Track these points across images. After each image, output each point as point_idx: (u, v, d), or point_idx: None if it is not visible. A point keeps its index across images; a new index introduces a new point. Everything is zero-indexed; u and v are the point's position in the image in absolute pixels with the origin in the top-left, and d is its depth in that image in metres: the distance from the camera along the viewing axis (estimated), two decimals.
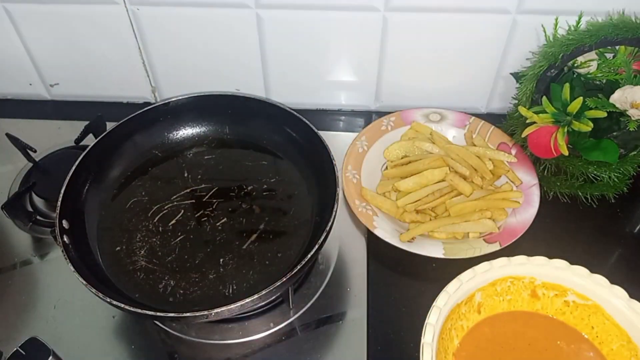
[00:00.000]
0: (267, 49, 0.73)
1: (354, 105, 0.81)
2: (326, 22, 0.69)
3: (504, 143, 0.71)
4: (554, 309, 0.53)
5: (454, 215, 0.63)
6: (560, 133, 0.60)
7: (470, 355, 0.50)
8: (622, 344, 0.49)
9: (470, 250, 0.59)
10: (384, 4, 0.66)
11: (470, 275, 0.50)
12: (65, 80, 0.80)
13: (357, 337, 0.56)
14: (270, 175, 0.66)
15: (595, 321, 0.51)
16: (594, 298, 0.50)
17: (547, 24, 0.63)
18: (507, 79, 0.73)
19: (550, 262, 0.51)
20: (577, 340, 0.52)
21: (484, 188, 0.65)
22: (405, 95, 0.78)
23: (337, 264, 0.62)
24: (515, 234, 0.61)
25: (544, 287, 0.52)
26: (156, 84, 0.80)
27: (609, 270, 0.52)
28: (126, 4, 0.69)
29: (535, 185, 0.65)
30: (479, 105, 0.79)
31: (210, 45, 0.73)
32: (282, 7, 0.67)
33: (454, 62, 0.73)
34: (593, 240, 0.65)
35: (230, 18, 0.69)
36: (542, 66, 0.61)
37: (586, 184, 0.65)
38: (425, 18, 0.67)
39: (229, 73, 0.77)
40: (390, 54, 0.72)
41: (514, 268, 0.51)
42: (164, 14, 0.69)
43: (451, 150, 0.67)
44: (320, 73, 0.76)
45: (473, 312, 0.52)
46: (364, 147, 0.70)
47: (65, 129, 0.77)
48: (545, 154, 0.63)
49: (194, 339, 0.57)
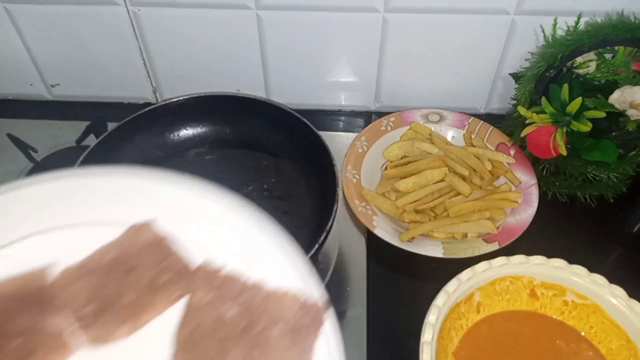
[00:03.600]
0: (267, 50, 0.73)
1: (354, 105, 0.81)
2: (326, 23, 0.69)
3: (502, 143, 0.71)
4: (553, 308, 0.53)
5: (453, 216, 0.63)
6: (559, 133, 0.60)
7: (470, 355, 0.50)
8: (621, 344, 0.50)
9: (469, 250, 0.59)
10: (383, 5, 0.66)
11: (469, 275, 0.50)
12: (66, 81, 0.81)
13: (357, 336, 0.56)
14: (270, 175, 0.66)
15: (594, 320, 0.51)
16: (593, 297, 0.50)
17: (546, 24, 0.63)
18: (506, 79, 0.73)
19: (549, 262, 0.51)
20: (576, 339, 0.52)
21: (482, 188, 0.65)
22: (405, 96, 0.78)
23: (337, 263, 0.62)
24: (514, 234, 0.61)
25: (543, 286, 0.52)
26: (157, 85, 0.80)
27: (608, 269, 0.52)
28: (127, 4, 0.69)
29: (534, 185, 0.66)
30: (478, 105, 0.79)
31: (210, 45, 0.73)
32: (283, 8, 0.68)
33: (453, 63, 0.73)
34: (592, 240, 0.65)
35: (230, 19, 0.69)
36: (541, 67, 0.61)
37: (585, 184, 0.66)
38: (424, 19, 0.68)
39: (230, 73, 0.77)
40: (389, 55, 0.72)
41: (513, 267, 0.51)
42: (165, 15, 0.70)
43: (450, 150, 0.68)
44: (321, 74, 0.76)
45: (472, 311, 0.52)
46: (363, 147, 0.70)
47: (66, 130, 0.77)
48: (544, 154, 0.63)
49: None
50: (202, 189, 0.38)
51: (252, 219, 0.37)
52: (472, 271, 0.50)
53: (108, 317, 0.33)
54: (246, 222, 0.37)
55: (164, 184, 0.38)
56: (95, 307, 0.33)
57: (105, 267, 0.35)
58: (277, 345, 0.32)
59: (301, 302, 0.34)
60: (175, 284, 0.34)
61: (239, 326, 0.32)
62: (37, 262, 0.35)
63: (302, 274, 0.35)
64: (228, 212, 0.37)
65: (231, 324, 0.33)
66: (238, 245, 0.36)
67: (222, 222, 0.37)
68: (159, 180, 0.38)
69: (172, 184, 0.38)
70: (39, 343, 0.32)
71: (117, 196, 0.37)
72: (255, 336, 0.32)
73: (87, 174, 0.38)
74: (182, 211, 0.37)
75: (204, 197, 0.38)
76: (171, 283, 0.34)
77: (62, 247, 0.35)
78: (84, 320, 0.33)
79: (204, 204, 0.37)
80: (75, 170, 0.38)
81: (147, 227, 0.36)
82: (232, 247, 0.36)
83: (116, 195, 0.38)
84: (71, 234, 0.36)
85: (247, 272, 0.35)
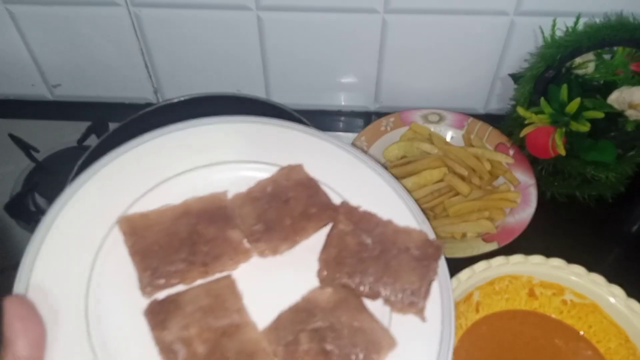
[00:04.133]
0: (267, 50, 0.73)
1: (354, 106, 0.81)
2: (326, 23, 0.69)
3: (502, 144, 0.71)
4: (551, 307, 0.53)
5: (453, 215, 0.63)
6: (558, 133, 0.60)
7: (469, 354, 0.51)
8: (620, 343, 0.50)
9: (468, 250, 0.60)
10: (383, 6, 0.66)
11: (468, 274, 0.50)
12: (67, 81, 0.81)
13: None
14: None
15: (592, 320, 0.51)
16: (591, 297, 0.51)
17: (545, 25, 0.63)
18: (505, 80, 0.73)
19: (548, 261, 0.51)
20: (574, 338, 0.52)
21: (482, 188, 0.66)
22: (405, 96, 0.78)
23: None
24: (513, 234, 0.61)
25: (542, 286, 0.52)
26: (158, 85, 0.80)
27: (607, 269, 0.52)
28: (128, 5, 0.69)
29: (532, 185, 0.66)
30: (477, 106, 0.79)
31: (211, 46, 0.73)
32: (283, 9, 0.68)
33: (452, 64, 0.73)
34: (590, 240, 0.65)
35: (231, 19, 0.70)
36: (540, 67, 0.61)
37: (584, 184, 0.66)
38: (424, 20, 0.68)
39: (230, 74, 0.77)
40: (389, 56, 0.73)
41: (512, 267, 0.51)
42: (166, 16, 0.70)
43: (450, 150, 0.68)
44: (321, 74, 0.76)
45: (471, 310, 0.52)
46: (363, 147, 0.71)
47: (67, 130, 0.77)
48: (543, 154, 0.63)
49: None
50: (338, 143, 0.47)
51: (380, 172, 0.46)
52: (471, 271, 0.50)
53: (273, 235, 0.41)
54: (375, 174, 0.46)
55: (310, 134, 0.47)
56: (262, 226, 0.41)
57: (267, 197, 0.43)
58: (405, 266, 0.40)
59: (425, 238, 0.42)
60: (322, 214, 0.42)
61: (375, 251, 0.41)
62: (213, 188, 0.43)
63: (419, 219, 0.43)
64: (360, 164, 0.46)
65: (369, 249, 0.41)
66: (369, 191, 0.45)
67: (356, 171, 0.46)
68: (305, 131, 0.48)
69: (316, 136, 0.47)
70: (227, 247, 0.40)
71: (269, 142, 0.47)
72: (389, 259, 0.40)
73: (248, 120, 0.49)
74: (322, 159, 0.46)
75: (341, 149, 0.47)
76: (319, 214, 0.42)
77: (230, 178, 0.44)
78: (254, 236, 0.41)
79: (342, 155, 0.46)
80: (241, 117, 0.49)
81: (299, 168, 0.45)
82: (365, 192, 0.44)
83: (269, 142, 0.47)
84: (237, 169, 0.45)
85: (378, 212, 0.43)
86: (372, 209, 0.43)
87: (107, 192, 0.42)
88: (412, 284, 0.39)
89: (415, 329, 0.39)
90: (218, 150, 0.46)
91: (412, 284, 0.39)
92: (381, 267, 0.40)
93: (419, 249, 0.41)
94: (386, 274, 0.39)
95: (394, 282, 0.39)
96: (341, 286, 0.39)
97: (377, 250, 0.41)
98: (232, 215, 0.42)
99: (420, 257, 0.41)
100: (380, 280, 0.39)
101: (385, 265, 0.40)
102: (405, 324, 0.39)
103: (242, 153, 0.46)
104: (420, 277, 0.39)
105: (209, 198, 0.43)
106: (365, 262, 0.40)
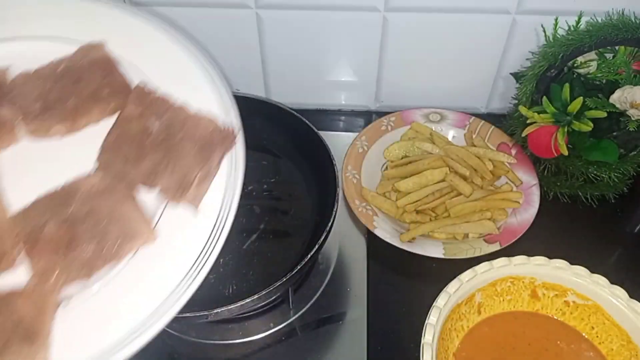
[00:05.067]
0: (267, 49, 0.73)
1: (354, 105, 0.81)
2: (326, 22, 0.69)
3: (504, 143, 0.71)
4: (554, 309, 0.53)
5: (454, 216, 0.63)
6: (560, 133, 0.60)
7: (471, 356, 0.50)
8: (622, 344, 0.49)
9: (470, 251, 0.59)
10: (384, 4, 0.66)
11: (470, 276, 0.50)
12: None
13: (357, 337, 0.56)
14: (270, 175, 0.66)
15: (595, 321, 0.51)
16: (594, 298, 0.50)
17: (546, 24, 0.63)
18: (507, 79, 0.73)
19: (550, 262, 0.51)
20: (577, 340, 0.52)
21: (483, 188, 0.65)
22: (405, 96, 0.78)
23: (337, 264, 0.62)
24: (516, 234, 0.61)
25: (544, 287, 0.52)
26: None
27: (609, 270, 0.52)
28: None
29: (535, 185, 0.65)
30: (479, 105, 0.79)
31: (210, 45, 0.73)
32: (282, 7, 0.67)
33: (454, 62, 0.73)
34: (593, 240, 0.65)
35: (230, 18, 0.69)
36: (542, 66, 0.61)
37: (586, 184, 0.66)
38: (425, 18, 0.67)
39: (229, 73, 0.76)
40: (390, 54, 0.72)
41: (514, 268, 0.51)
42: (164, 15, 0.69)
43: (451, 150, 0.68)
44: (321, 73, 0.76)
45: (473, 312, 0.52)
46: (364, 147, 0.70)
47: None
48: (546, 154, 0.63)
49: (194, 339, 0.56)
50: (151, 20, 0.43)
51: (192, 54, 0.43)
52: (473, 272, 0.50)
53: (50, 115, 0.38)
54: (185, 55, 0.43)
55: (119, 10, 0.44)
56: (41, 105, 0.39)
57: (56, 76, 0.40)
58: (186, 154, 0.38)
59: (215, 126, 0.40)
60: (113, 97, 0.40)
61: (158, 137, 0.39)
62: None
63: (224, 105, 0.41)
64: (170, 44, 0.43)
65: (153, 135, 0.39)
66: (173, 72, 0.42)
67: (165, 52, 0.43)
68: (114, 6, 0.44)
69: (126, 11, 0.44)
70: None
71: (74, 16, 0.43)
72: (171, 146, 0.38)
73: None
74: (131, 37, 0.43)
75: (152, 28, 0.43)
76: (109, 96, 0.40)
77: (21, 55, 0.41)
78: (30, 115, 0.38)
79: (151, 34, 0.43)
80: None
81: (99, 46, 0.42)
82: (168, 73, 0.42)
83: (73, 15, 0.43)
84: (29, 45, 0.42)
85: (175, 94, 0.41)
86: (175, 90, 0.41)
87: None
88: (188, 171, 0.37)
89: (186, 224, 0.37)
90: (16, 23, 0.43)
91: (188, 171, 0.37)
92: (161, 154, 0.38)
93: (205, 137, 0.39)
94: (164, 161, 0.38)
95: (171, 171, 0.37)
96: (114, 173, 0.38)
97: (161, 137, 0.39)
98: (10, 92, 0.39)
99: (204, 145, 0.38)
100: (158, 167, 0.38)
101: (165, 152, 0.38)
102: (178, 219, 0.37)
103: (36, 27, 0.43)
104: (197, 165, 0.38)
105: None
106: (145, 149, 0.38)
